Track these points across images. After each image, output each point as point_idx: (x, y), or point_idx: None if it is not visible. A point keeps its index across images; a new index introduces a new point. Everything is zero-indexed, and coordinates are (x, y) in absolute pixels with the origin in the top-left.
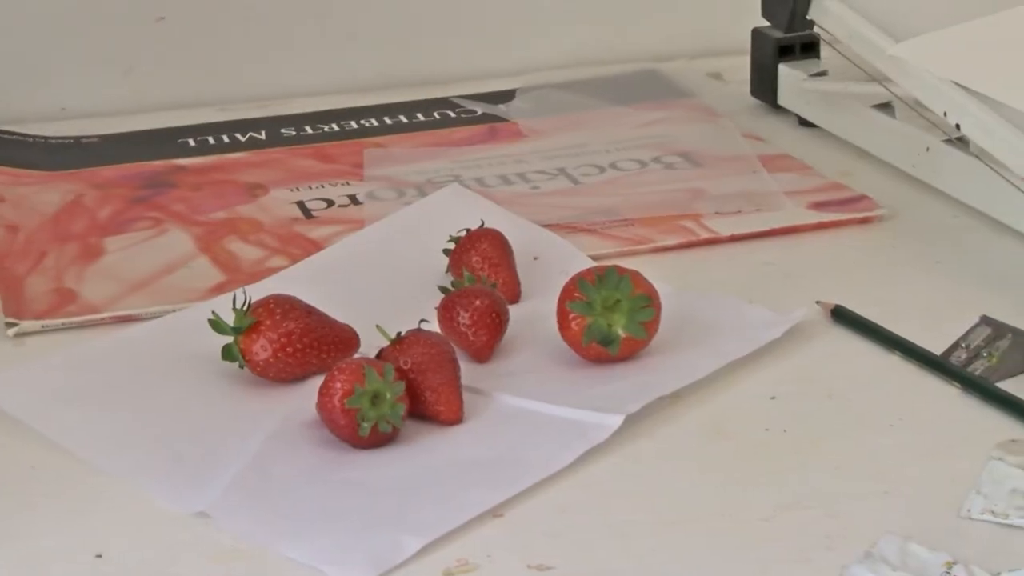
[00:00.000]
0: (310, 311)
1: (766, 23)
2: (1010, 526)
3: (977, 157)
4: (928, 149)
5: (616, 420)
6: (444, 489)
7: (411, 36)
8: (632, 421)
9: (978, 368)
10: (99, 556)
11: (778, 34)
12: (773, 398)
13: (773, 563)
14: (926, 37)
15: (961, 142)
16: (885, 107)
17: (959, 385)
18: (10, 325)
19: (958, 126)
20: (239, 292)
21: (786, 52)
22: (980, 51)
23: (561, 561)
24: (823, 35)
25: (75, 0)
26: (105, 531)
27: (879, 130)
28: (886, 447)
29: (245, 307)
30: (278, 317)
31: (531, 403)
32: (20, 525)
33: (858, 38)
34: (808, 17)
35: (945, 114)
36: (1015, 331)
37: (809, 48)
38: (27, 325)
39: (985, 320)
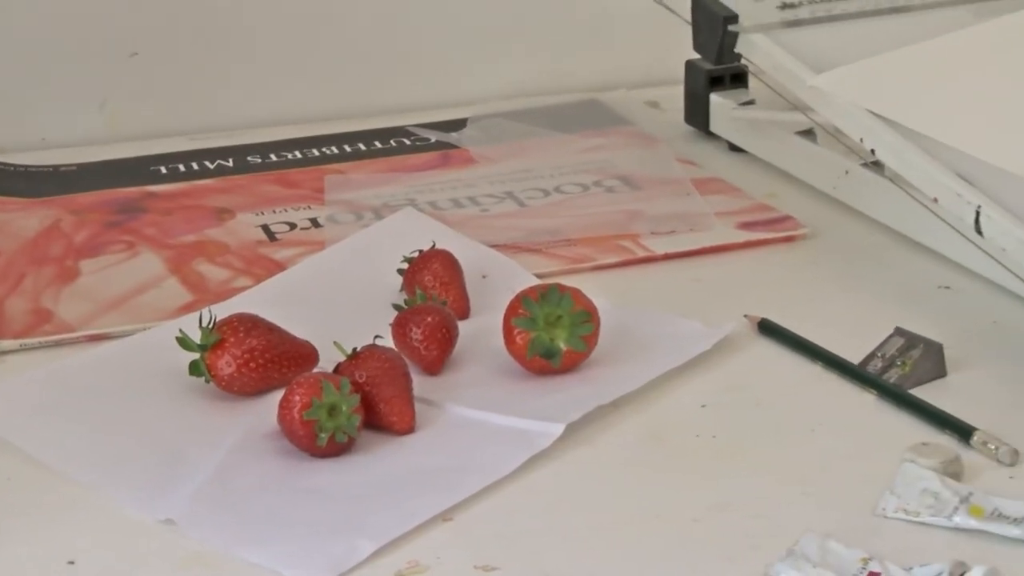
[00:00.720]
0: (272, 328)
1: (698, 56)
2: (921, 524)
3: (891, 180)
4: (847, 172)
5: (558, 428)
6: (397, 495)
7: (368, 69)
8: (573, 429)
9: (892, 376)
10: (71, 562)
11: (709, 66)
12: (704, 406)
13: (703, 561)
14: (843, 69)
15: (877, 166)
16: (807, 133)
17: (875, 392)
18: None
19: (873, 151)
20: (205, 311)
21: (717, 82)
22: (893, 82)
23: (506, 562)
24: (750, 67)
25: (53, 38)
26: (77, 538)
27: (802, 155)
28: (808, 451)
29: (211, 325)
30: (242, 334)
31: (479, 413)
32: None
33: (781, 70)
34: (736, 50)
35: (861, 140)
36: (926, 341)
37: (738, 79)
38: (6, 344)
39: (899, 331)
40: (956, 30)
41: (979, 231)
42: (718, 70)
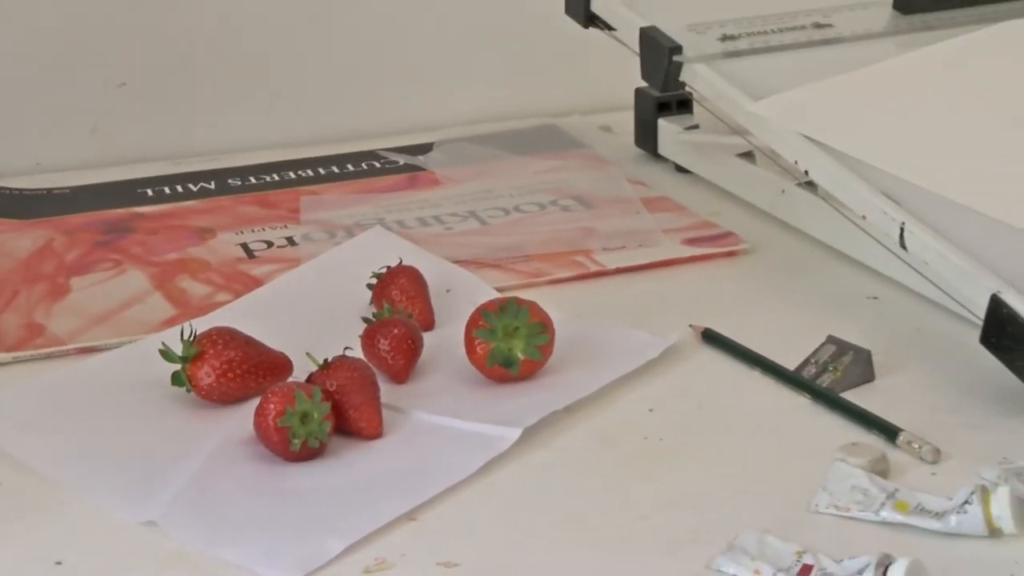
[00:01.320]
0: (248, 341)
1: (647, 84)
2: (851, 518)
3: (824, 199)
4: (783, 192)
5: (515, 433)
6: (365, 496)
7: (341, 97)
8: (529, 433)
9: (825, 381)
10: (59, 563)
11: (657, 93)
12: (651, 410)
13: (649, 556)
14: (779, 96)
15: (810, 186)
16: (747, 156)
17: (809, 396)
18: None
19: (807, 172)
20: (186, 325)
21: (664, 108)
22: (824, 108)
23: (466, 558)
24: (694, 94)
25: (47, 70)
26: (64, 539)
27: (742, 175)
28: (747, 451)
29: (191, 338)
30: (220, 347)
31: (442, 419)
32: None
33: (723, 97)
34: (680, 79)
35: (796, 162)
36: (856, 348)
37: (683, 105)
38: (0, 357)
39: (831, 339)
40: (882, 61)
41: (903, 246)
42: (665, 97)
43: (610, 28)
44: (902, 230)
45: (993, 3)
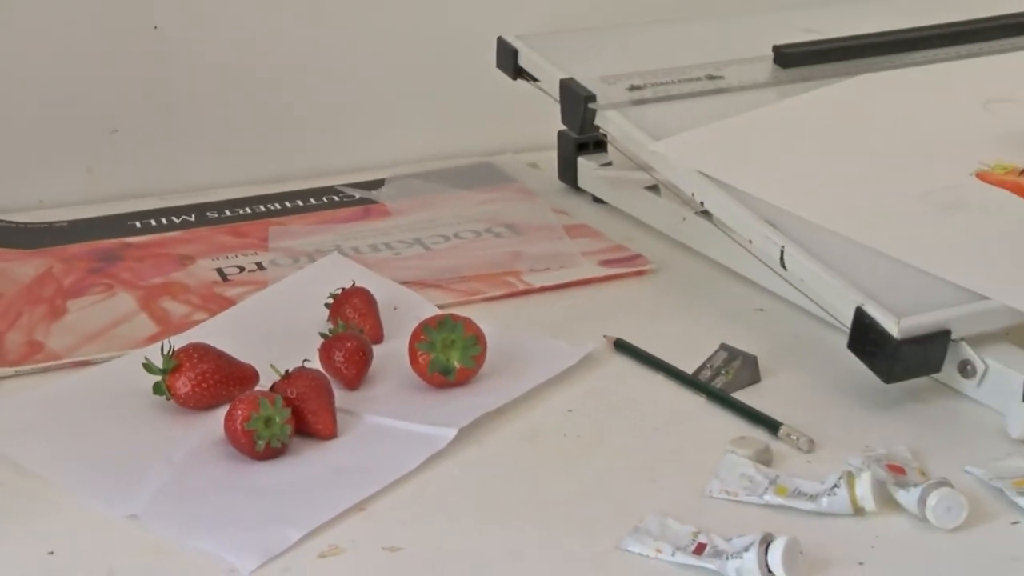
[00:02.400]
0: (220, 354)
1: (567, 127)
2: (739, 502)
3: (717, 226)
4: (684, 219)
5: (452, 432)
6: (320, 490)
7: (304, 140)
8: (465, 432)
9: (718, 383)
10: (51, 553)
11: (576, 135)
12: (570, 411)
13: (566, 538)
14: (677, 137)
15: (706, 214)
16: (653, 188)
17: (705, 396)
18: None
19: (702, 203)
20: (165, 342)
21: (583, 148)
22: (715, 147)
23: (409, 544)
24: (607, 136)
25: (48, 118)
26: (56, 532)
27: (649, 205)
28: (652, 445)
29: (170, 353)
30: (195, 360)
31: (389, 421)
32: None
33: (630, 138)
34: (595, 123)
35: (693, 194)
36: (745, 355)
37: (599, 145)
38: (3, 371)
39: (723, 347)
40: (764, 106)
41: (783, 266)
42: (583, 138)
43: (535, 80)
44: (782, 252)
45: (856, 59)
